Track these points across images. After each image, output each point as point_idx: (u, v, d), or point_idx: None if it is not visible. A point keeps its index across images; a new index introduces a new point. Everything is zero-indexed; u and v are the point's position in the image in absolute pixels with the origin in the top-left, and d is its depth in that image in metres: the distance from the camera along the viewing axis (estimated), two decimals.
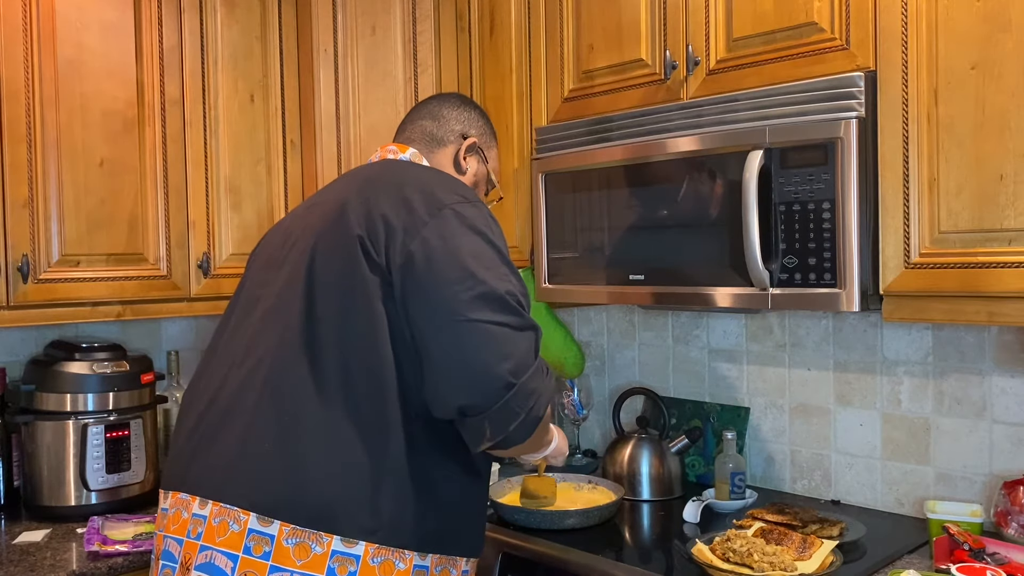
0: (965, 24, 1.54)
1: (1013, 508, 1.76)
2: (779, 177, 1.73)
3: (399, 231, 1.37)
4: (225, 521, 1.34)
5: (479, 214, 1.42)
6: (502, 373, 1.29)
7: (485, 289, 1.32)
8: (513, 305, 1.33)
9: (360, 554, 1.32)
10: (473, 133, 1.75)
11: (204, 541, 1.35)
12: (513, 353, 1.31)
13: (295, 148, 2.57)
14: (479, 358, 1.30)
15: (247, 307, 1.53)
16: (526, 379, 1.31)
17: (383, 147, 1.71)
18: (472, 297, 1.32)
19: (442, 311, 1.32)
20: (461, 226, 1.38)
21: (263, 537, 1.31)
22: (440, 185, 1.46)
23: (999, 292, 1.52)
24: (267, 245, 1.60)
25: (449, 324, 1.32)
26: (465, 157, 1.72)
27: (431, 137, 1.71)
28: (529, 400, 1.32)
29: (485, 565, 1.93)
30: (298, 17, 2.56)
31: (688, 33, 1.94)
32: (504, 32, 2.37)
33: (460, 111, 1.75)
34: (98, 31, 2.20)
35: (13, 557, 1.90)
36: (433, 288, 1.34)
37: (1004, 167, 1.51)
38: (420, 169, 1.57)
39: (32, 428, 2.19)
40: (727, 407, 2.35)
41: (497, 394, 1.30)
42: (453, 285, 1.33)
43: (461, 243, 1.36)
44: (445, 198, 1.42)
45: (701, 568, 1.67)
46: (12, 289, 2.06)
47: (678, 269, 1.91)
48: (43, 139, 2.10)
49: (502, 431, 1.32)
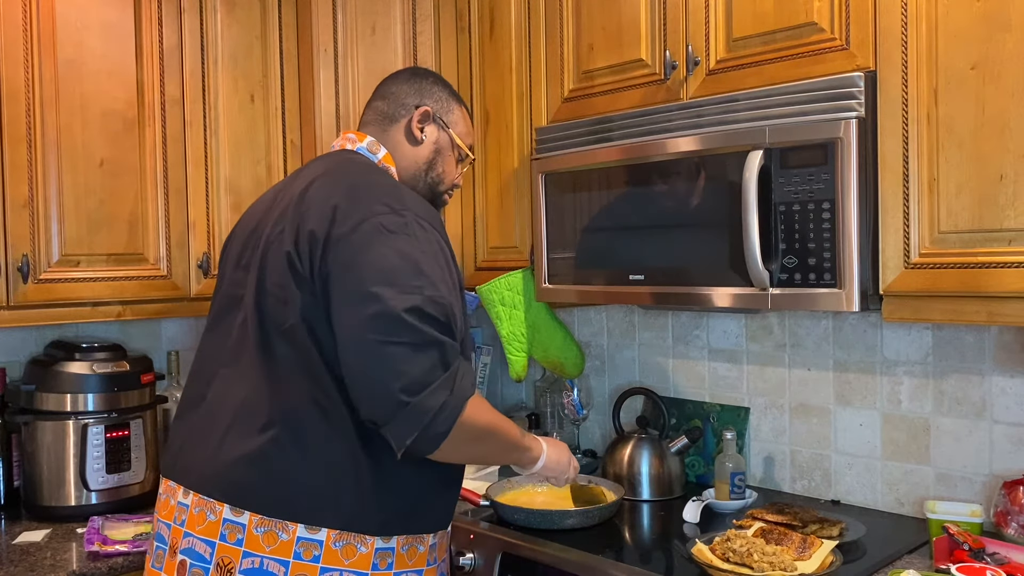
0: (965, 24, 1.54)
1: (1013, 508, 1.76)
2: (779, 177, 1.73)
3: (319, 247, 1.43)
4: (204, 511, 1.47)
5: (404, 223, 1.44)
6: (393, 391, 1.35)
7: (382, 308, 1.36)
8: (411, 323, 1.35)
9: (323, 539, 1.43)
10: (427, 102, 1.74)
11: (187, 528, 1.49)
12: (407, 372, 1.35)
13: (295, 148, 2.57)
14: (373, 376, 1.37)
15: (227, 306, 1.60)
16: (423, 397, 1.35)
17: (344, 133, 1.76)
18: (369, 316, 1.36)
19: (345, 330, 1.39)
20: (376, 240, 1.41)
21: (236, 526, 1.44)
22: (369, 194, 1.49)
23: (999, 292, 1.52)
24: (237, 239, 1.66)
25: (349, 342, 1.39)
26: (420, 127, 1.72)
27: (383, 116, 1.73)
28: (424, 417, 1.36)
29: (485, 565, 1.93)
30: (298, 17, 2.56)
31: (688, 33, 1.94)
32: (504, 32, 2.37)
33: (411, 84, 1.75)
34: (98, 31, 2.20)
35: (13, 557, 1.90)
36: (339, 306, 1.41)
37: (1004, 167, 1.51)
38: (361, 171, 1.60)
39: (32, 428, 2.19)
40: (727, 407, 2.35)
41: (390, 411, 1.36)
42: (355, 305, 1.38)
43: (368, 259, 1.40)
44: (368, 209, 1.45)
45: (701, 568, 1.67)
46: (12, 289, 2.06)
47: (678, 269, 1.91)
48: (43, 139, 2.10)
49: (402, 444, 1.38)
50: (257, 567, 1.42)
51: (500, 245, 2.43)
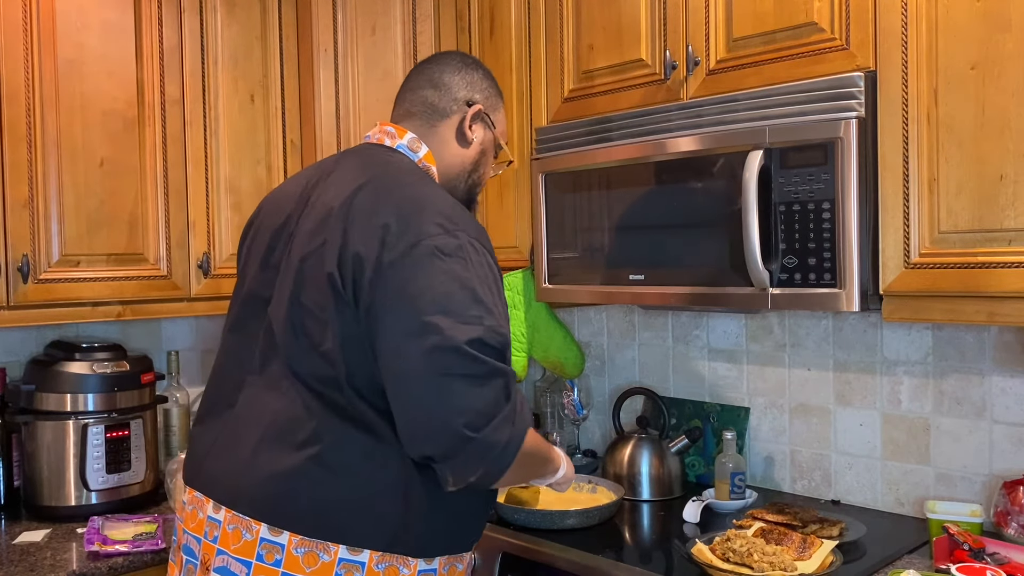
0: (965, 24, 1.54)
1: (1013, 508, 1.76)
2: (779, 177, 1.73)
3: (368, 270, 1.33)
4: (239, 529, 1.38)
5: (458, 245, 1.34)
6: (458, 428, 1.26)
7: (443, 342, 1.26)
8: (474, 355, 1.27)
9: (365, 561, 1.36)
10: (478, 99, 1.63)
11: (220, 545, 1.40)
12: (471, 407, 1.27)
13: (295, 148, 2.57)
14: (435, 413, 1.27)
15: (253, 307, 1.51)
16: (487, 431, 1.27)
17: (381, 125, 1.62)
18: (430, 348, 1.27)
19: (399, 362, 1.30)
20: (431, 266, 1.31)
21: (274, 546, 1.36)
22: (423, 208, 1.38)
23: (999, 292, 1.52)
24: (262, 234, 1.55)
25: (407, 376, 1.29)
26: (471, 126, 1.61)
27: (432, 109, 1.60)
28: (491, 452, 1.29)
29: (485, 565, 1.93)
30: (298, 17, 2.56)
31: (688, 33, 1.94)
32: (504, 32, 2.37)
33: (463, 75, 1.63)
34: (98, 31, 2.20)
35: (13, 557, 1.90)
36: (392, 338, 1.31)
37: (1004, 167, 1.51)
38: (407, 179, 1.47)
39: (32, 428, 2.19)
40: (727, 407, 2.35)
41: (454, 448, 1.28)
42: (411, 336, 1.28)
43: (424, 287, 1.30)
44: (422, 230, 1.34)
45: (701, 568, 1.67)
46: (12, 289, 2.06)
47: (678, 269, 1.91)
48: (43, 139, 2.10)
49: (463, 480, 1.31)
50: None
51: (500, 245, 2.43)
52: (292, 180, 1.62)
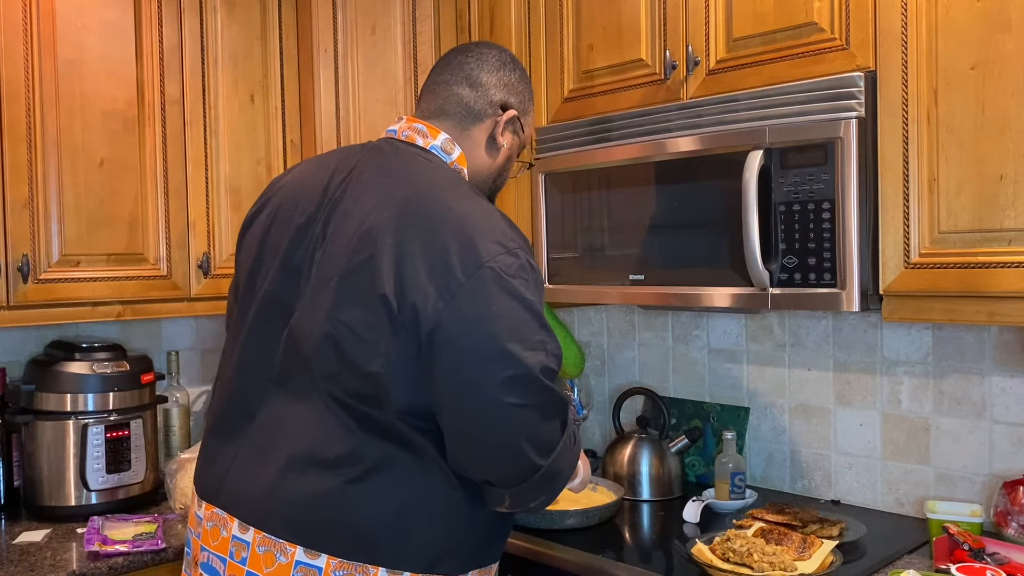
0: (965, 24, 1.54)
1: (1013, 508, 1.76)
2: (779, 177, 1.73)
3: (431, 294, 1.26)
4: (271, 552, 1.33)
5: (519, 265, 1.30)
6: (530, 457, 1.28)
7: (520, 370, 1.25)
8: (545, 383, 1.27)
9: None
10: (513, 103, 1.54)
11: (250, 568, 1.34)
12: (542, 436, 1.29)
13: (295, 148, 2.57)
14: (508, 442, 1.27)
15: (272, 310, 1.42)
16: (554, 459, 1.30)
17: (409, 121, 1.51)
18: (505, 379, 1.25)
19: (471, 390, 1.26)
20: (499, 289, 1.27)
21: (311, 569, 1.31)
22: (479, 230, 1.31)
23: (999, 292, 1.52)
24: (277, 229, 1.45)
25: (477, 405, 1.26)
26: (503, 132, 1.53)
27: (467, 111, 1.51)
28: (555, 481, 1.33)
29: None
30: (298, 17, 2.56)
31: (688, 33, 1.94)
32: (504, 32, 2.37)
33: (501, 74, 1.53)
34: (98, 31, 2.20)
35: (13, 557, 1.90)
36: (464, 365, 1.26)
37: (1004, 167, 1.51)
38: (456, 189, 1.40)
39: (32, 428, 2.19)
40: (727, 407, 2.35)
41: (522, 476, 1.30)
42: (485, 364, 1.25)
43: (497, 312, 1.26)
44: (484, 250, 1.28)
45: (701, 568, 1.67)
46: (12, 289, 2.06)
47: (678, 269, 1.91)
48: (43, 139, 2.10)
49: (522, 505, 1.34)
50: None
51: None
52: (310, 170, 1.51)
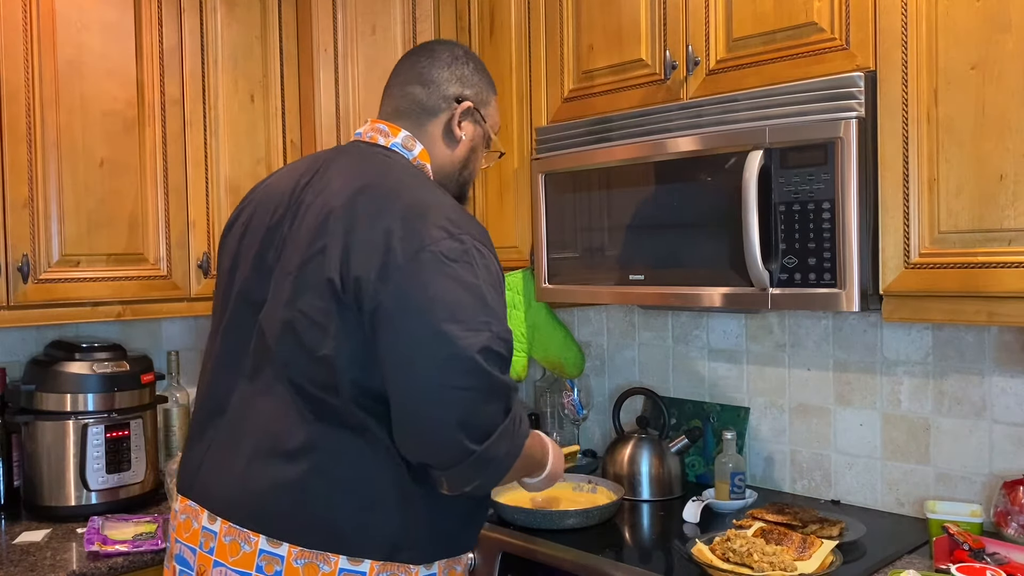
0: (965, 24, 1.54)
1: (1013, 508, 1.76)
2: (779, 177, 1.73)
3: (372, 276, 1.31)
4: (236, 541, 1.37)
5: (463, 250, 1.33)
6: (461, 441, 1.27)
7: (455, 351, 1.26)
8: (483, 367, 1.27)
9: (366, 571, 1.35)
10: (468, 94, 1.59)
11: (217, 557, 1.39)
12: (476, 421, 1.28)
13: (295, 148, 2.57)
14: (440, 424, 1.27)
15: (244, 309, 1.48)
16: (488, 445, 1.28)
17: (372, 122, 1.59)
18: (440, 360, 1.27)
19: (407, 370, 1.29)
20: (438, 272, 1.30)
21: (273, 557, 1.35)
22: (426, 212, 1.36)
23: (999, 292, 1.52)
24: (252, 234, 1.51)
25: (413, 385, 1.29)
26: (460, 124, 1.58)
27: (421, 107, 1.57)
28: (491, 466, 1.31)
29: (485, 565, 1.93)
30: (298, 17, 2.56)
31: (688, 33, 1.94)
32: (504, 32, 2.37)
33: (453, 69, 1.59)
34: (98, 31, 2.20)
35: (13, 557, 1.90)
36: (402, 344, 1.29)
37: (1004, 167, 1.51)
38: (407, 180, 1.46)
39: (32, 428, 2.19)
40: (727, 407, 2.35)
41: (454, 460, 1.28)
42: (421, 345, 1.27)
43: (433, 295, 1.28)
44: (427, 235, 1.32)
45: (701, 568, 1.67)
46: (12, 289, 2.06)
47: (678, 269, 1.91)
48: (43, 139, 2.10)
49: (458, 489, 1.33)
50: None
51: (500, 245, 2.41)
52: (282, 175, 1.58)
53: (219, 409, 1.47)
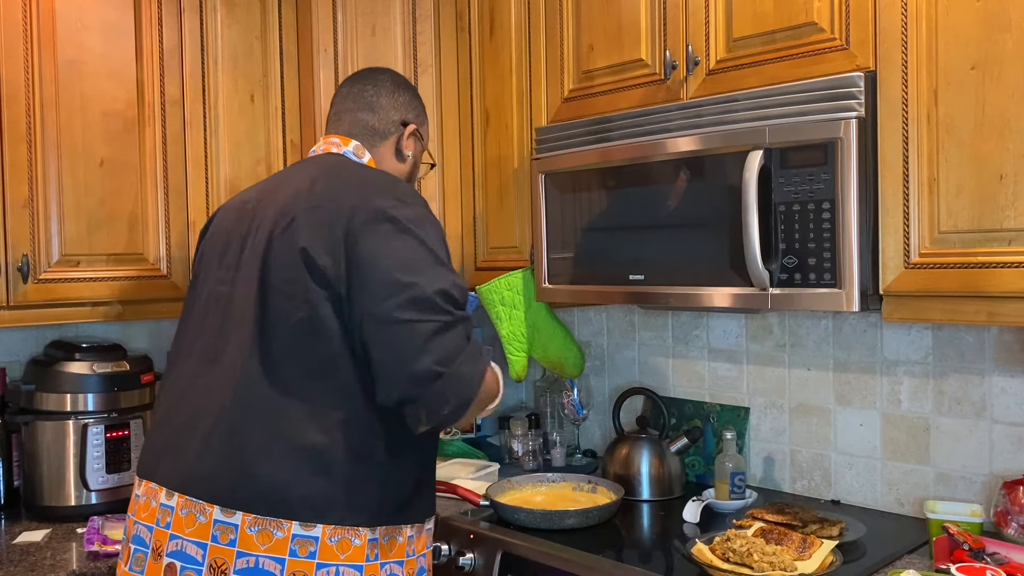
0: (965, 24, 1.54)
1: (1013, 508, 1.76)
2: (779, 177, 1.73)
3: (340, 242, 1.48)
4: (192, 513, 1.47)
5: (416, 216, 1.53)
6: (430, 364, 1.42)
7: (415, 293, 1.44)
8: (441, 305, 1.46)
9: (318, 535, 1.45)
10: (411, 118, 1.83)
11: (173, 530, 1.48)
12: (440, 346, 1.44)
13: (295, 148, 2.57)
14: (408, 354, 1.43)
15: (210, 304, 1.62)
16: (456, 367, 1.44)
17: (325, 138, 1.79)
18: (403, 301, 1.44)
19: (377, 318, 1.45)
20: (396, 232, 1.49)
21: (227, 526, 1.45)
22: (377, 189, 1.56)
23: (999, 292, 1.52)
24: (220, 235, 1.67)
25: (382, 328, 1.45)
26: (406, 144, 1.81)
27: (372, 131, 1.78)
28: (459, 384, 1.45)
29: (485, 565, 1.93)
30: (298, 17, 2.56)
31: (688, 33, 1.94)
32: (504, 32, 2.37)
33: (395, 96, 1.81)
34: (98, 31, 2.20)
35: (13, 557, 1.90)
36: (369, 298, 1.46)
37: (1004, 167, 1.51)
38: (358, 169, 1.67)
39: (32, 428, 2.19)
40: (727, 407, 2.35)
41: (426, 384, 1.43)
42: (387, 295, 1.45)
43: (393, 251, 1.48)
44: (383, 203, 1.52)
45: (701, 568, 1.67)
46: (12, 289, 2.06)
47: (678, 269, 1.91)
48: (43, 139, 2.10)
49: (436, 415, 1.46)
50: (252, 567, 1.42)
51: (500, 245, 2.43)
52: (251, 189, 1.76)
53: (180, 396, 1.59)
